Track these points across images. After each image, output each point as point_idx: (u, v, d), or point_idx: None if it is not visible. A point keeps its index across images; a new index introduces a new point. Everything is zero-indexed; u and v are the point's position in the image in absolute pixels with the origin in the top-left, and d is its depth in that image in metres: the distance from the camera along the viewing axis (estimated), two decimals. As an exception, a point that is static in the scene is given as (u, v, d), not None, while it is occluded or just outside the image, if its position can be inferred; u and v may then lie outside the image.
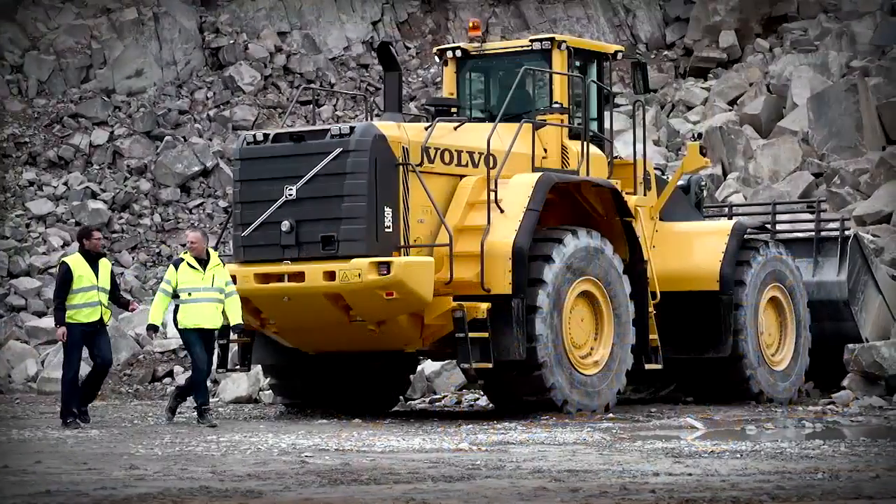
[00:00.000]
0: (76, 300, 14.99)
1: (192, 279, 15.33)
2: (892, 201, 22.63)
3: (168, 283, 15.38)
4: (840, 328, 18.75)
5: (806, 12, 30.18)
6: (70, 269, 15.01)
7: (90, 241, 15.18)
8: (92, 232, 15.31)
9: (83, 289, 14.98)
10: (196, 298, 15.30)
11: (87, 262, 15.07)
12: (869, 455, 12.23)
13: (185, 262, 15.41)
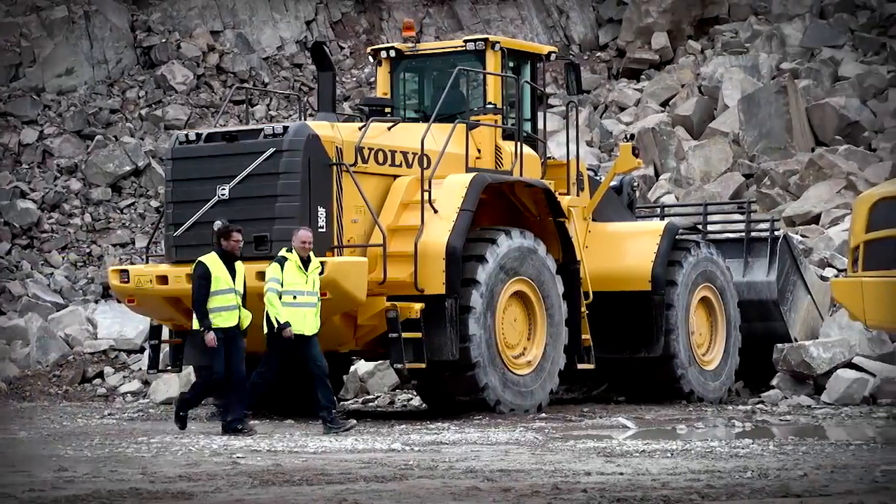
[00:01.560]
0: (213, 304, 14.08)
1: (298, 281, 14.40)
2: (820, 202, 22.86)
3: (277, 281, 14.35)
4: (769, 328, 18.91)
5: (736, 14, 30.41)
6: (208, 270, 14.05)
7: (229, 241, 14.18)
8: (232, 232, 14.22)
9: (220, 291, 14.05)
10: (301, 303, 14.42)
11: (223, 263, 14.14)
12: (797, 454, 12.35)
13: (293, 263, 14.42)
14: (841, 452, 12.49)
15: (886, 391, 17.45)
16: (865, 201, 14.13)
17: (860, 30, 28.32)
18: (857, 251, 13.99)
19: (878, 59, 27.40)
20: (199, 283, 14.06)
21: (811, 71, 26.85)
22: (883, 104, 25.51)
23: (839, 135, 24.89)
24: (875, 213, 13.80)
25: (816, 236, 21.76)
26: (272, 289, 14.38)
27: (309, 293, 14.46)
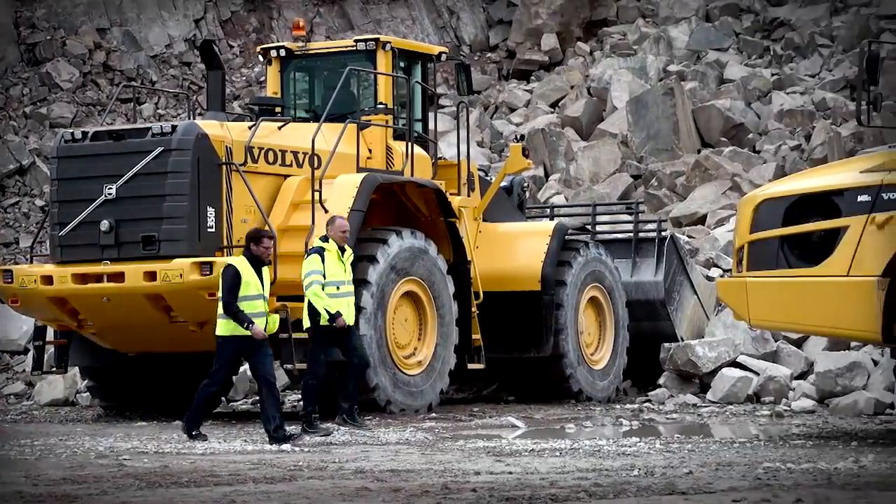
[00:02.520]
0: (244, 309, 13.31)
1: (338, 271, 14.10)
2: (706, 203, 23.14)
3: (320, 273, 14.01)
4: (657, 327, 19.12)
5: (625, 17, 30.70)
6: (238, 274, 13.31)
7: (259, 246, 13.46)
8: (263, 237, 13.54)
9: (249, 297, 13.30)
10: (344, 292, 14.10)
11: (252, 268, 13.44)
12: (683, 452, 12.51)
13: (333, 253, 14.10)
14: (725, 450, 12.67)
15: (769, 389, 17.73)
16: (750, 202, 14.33)
17: (745, 33, 28.73)
18: (741, 251, 14.17)
19: (763, 62, 27.82)
20: (230, 285, 13.31)
21: (697, 73, 27.19)
22: (767, 106, 25.90)
23: (724, 136, 25.23)
24: (759, 214, 13.99)
25: (702, 237, 22.03)
26: (316, 281, 14.04)
27: (348, 282, 14.21)
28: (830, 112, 24.83)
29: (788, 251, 13.82)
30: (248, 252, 13.53)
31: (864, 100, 13.32)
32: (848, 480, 10.30)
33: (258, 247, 13.46)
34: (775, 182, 16.69)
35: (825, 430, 14.71)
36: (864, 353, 17.52)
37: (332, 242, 14.19)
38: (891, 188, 13.24)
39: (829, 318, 13.58)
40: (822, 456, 12.07)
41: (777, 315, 13.90)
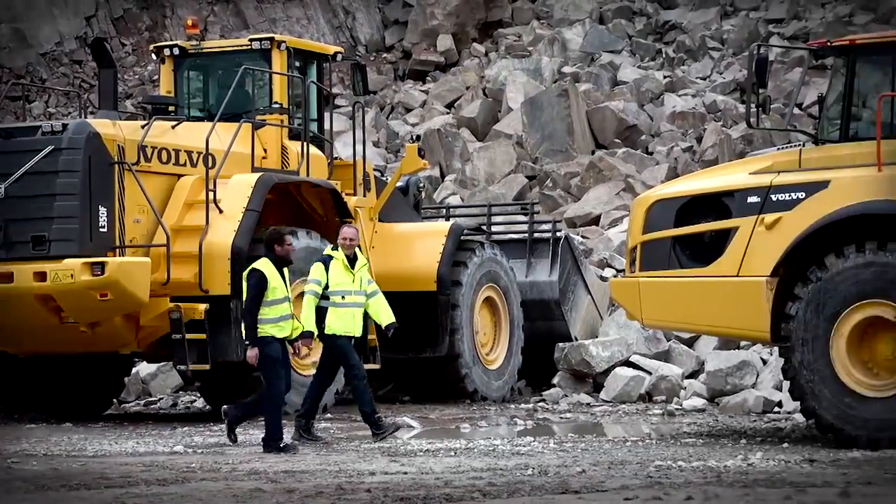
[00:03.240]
0: (271, 314, 12.80)
1: (345, 280, 13.49)
2: (600, 204, 23.31)
3: (318, 283, 13.46)
4: (551, 327, 19.21)
5: (520, 19, 30.83)
6: (265, 279, 12.75)
7: (283, 246, 12.98)
8: (285, 237, 13.06)
9: (277, 301, 12.82)
10: (349, 303, 13.51)
11: (277, 270, 12.93)
12: (576, 451, 12.59)
13: (339, 261, 13.52)
14: (618, 449, 12.78)
15: (661, 388, 17.90)
16: (642, 203, 14.45)
17: (637, 36, 28.99)
18: (634, 252, 14.29)
19: (655, 64, 28.08)
20: (255, 291, 12.75)
21: (591, 75, 27.37)
22: (659, 108, 26.15)
23: (618, 138, 25.43)
24: (651, 215, 14.12)
25: (596, 237, 22.19)
26: (311, 291, 13.54)
27: (357, 293, 13.64)
28: (721, 114, 25.14)
29: (680, 251, 13.96)
30: (272, 254, 12.96)
31: (754, 102, 13.49)
32: (737, 478, 10.43)
33: (282, 247, 12.97)
34: (667, 183, 16.86)
35: (715, 428, 14.88)
36: (754, 352, 17.75)
37: (341, 251, 13.65)
38: (779, 189, 13.43)
39: (720, 317, 13.74)
40: (711, 454, 12.22)
41: (669, 315, 14.03)
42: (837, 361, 12.91)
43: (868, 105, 13.46)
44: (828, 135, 13.64)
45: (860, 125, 13.49)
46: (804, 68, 14.59)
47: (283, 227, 13.79)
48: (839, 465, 11.47)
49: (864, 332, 12.94)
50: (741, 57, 25.88)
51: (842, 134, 13.48)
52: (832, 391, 12.89)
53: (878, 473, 10.83)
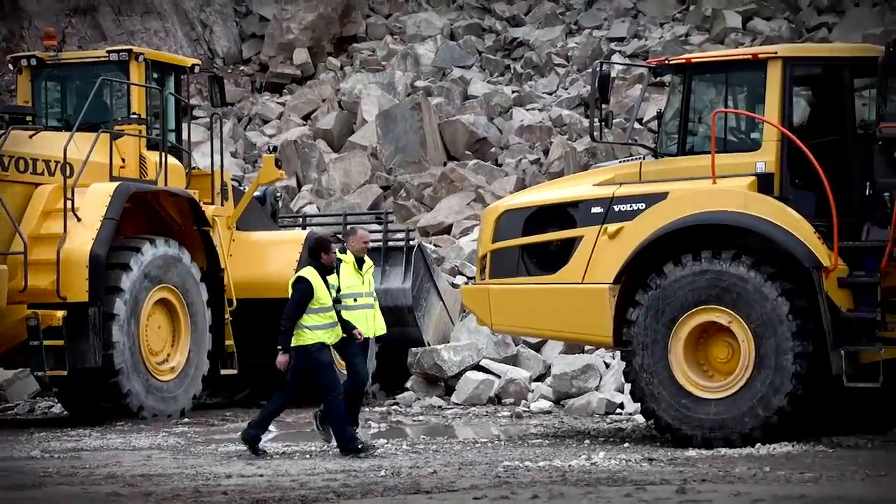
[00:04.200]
0: (321, 320, 12.58)
1: (355, 283, 13.08)
2: (452, 213, 23.42)
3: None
4: (405, 333, 19.21)
5: (374, 34, 30.86)
6: (312, 289, 12.50)
7: (328, 255, 12.73)
8: (331, 245, 12.85)
9: (323, 309, 12.57)
10: (362, 304, 13.12)
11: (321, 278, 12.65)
12: (428, 452, 12.63)
13: (349, 265, 13.09)
14: (468, 450, 12.84)
15: (510, 391, 18.03)
16: (492, 213, 14.57)
17: (487, 52, 29.19)
18: (484, 260, 14.40)
19: (504, 79, 28.30)
20: (301, 298, 12.52)
21: (443, 89, 27.49)
22: (508, 122, 26.36)
23: (469, 150, 25.57)
24: (500, 224, 14.24)
25: (448, 246, 22.28)
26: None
27: (367, 294, 13.26)
28: (566, 128, 25.42)
29: (528, 260, 14.10)
30: (317, 262, 12.75)
31: (597, 117, 13.68)
32: (581, 477, 10.55)
33: (328, 255, 12.74)
34: (516, 194, 17.01)
35: (561, 429, 15.03)
36: (597, 356, 17.96)
37: (350, 254, 13.25)
38: (621, 201, 13.63)
39: (566, 323, 13.90)
40: (557, 454, 12.34)
41: (517, 320, 14.17)
42: (675, 365, 13.14)
43: (703, 121, 13.73)
44: (666, 148, 13.88)
45: (696, 140, 13.74)
46: (644, 85, 14.83)
47: (328, 236, 13.47)
48: (676, 464, 11.66)
49: (700, 336, 13.19)
50: (585, 73, 26.19)
51: (679, 148, 13.72)
52: (670, 393, 13.11)
53: (713, 471, 11.04)
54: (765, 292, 12.79)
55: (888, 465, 11.43)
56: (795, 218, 12.92)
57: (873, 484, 10.29)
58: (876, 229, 12.99)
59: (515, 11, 29.93)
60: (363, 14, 31.01)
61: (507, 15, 29.86)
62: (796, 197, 13.18)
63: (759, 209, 13.00)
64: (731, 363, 13.02)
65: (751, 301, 12.85)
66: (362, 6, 31.03)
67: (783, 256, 12.96)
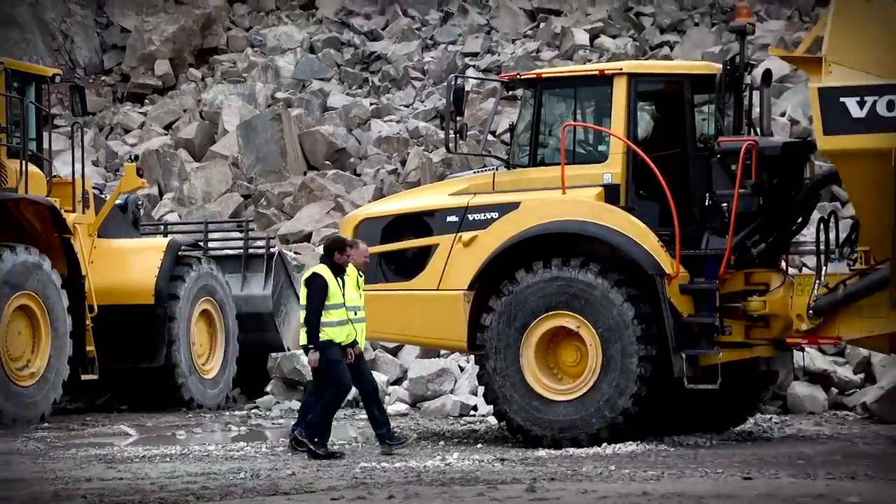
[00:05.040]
0: (330, 318, 12.45)
1: (355, 296, 12.83)
2: (312, 222, 23.35)
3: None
4: (265, 338, 19.14)
5: (234, 46, 30.64)
6: (327, 284, 12.40)
7: (342, 254, 12.63)
8: (346, 245, 12.73)
9: (336, 306, 12.45)
10: (360, 318, 12.88)
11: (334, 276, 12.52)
12: (287, 455, 12.56)
13: (352, 279, 12.83)
14: (326, 452, 12.77)
15: (369, 394, 17.98)
16: (351, 221, 14.57)
17: (346, 65, 29.17)
18: (342, 267, 14.36)
19: (362, 92, 28.30)
20: (319, 294, 12.40)
21: (303, 101, 27.40)
22: (367, 133, 26.37)
23: (328, 160, 25.53)
24: (359, 232, 14.24)
25: (308, 253, 22.20)
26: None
27: (362, 308, 12.98)
28: (423, 139, 25.51)
29: (386, 267, 14.12)
30: (331, 260, 12.63)
31: (452, 129, 13.76)
32: (435, 477, 10.59)
33: (342, 255, 12.65)
34: (374, 203, 17.02)
35: (417, 431, 15.06)
36: (452, 360, 18.03)
37: (352, 267, 12.97)
38: (475, 210, 13.73)
39: (422, 328, 13.96)
40: (413, 455, 12.36)
41: (375, 326, 14.17)
42: (526, 368, 13.26)
43: (553, 133, 13.89)
44: (518, 160, 14.00)
45: (546, 151, 13.89)
46: (497, 99, 14.95)
47: (342, 236, 13.22)
48: (527, 463, 11.77)
49: (550, 340, 13.33)
50: (441, 87, 26.30)
51: (531, 159, 13.86)
52: (521, 395, 13.22)
53: (561, 470, 11.16)
54: (611, 298, 12.96)
55: (726, 463, 11.67)
56: (640, 227, 13.12)
57: (711, 480, 10.49)
58: (715, 238, 13.27)
59: (373, 26, 29.97)
60: (224, 27, 30.78)
61: (365, 29, 29.88)
62: (641, 207, 13.39)
63: (606, 219, 13.18)
64: (580, 366, 13.18)
65: (598, 307, 13.01)
66: (223, 19, 30.80)
67: (629, 264, 13.15)
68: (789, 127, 21.37)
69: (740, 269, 13.34)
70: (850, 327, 13.01)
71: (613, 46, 26.60)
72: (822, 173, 13.76)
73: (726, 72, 13.53)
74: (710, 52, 23.96)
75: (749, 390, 14.12)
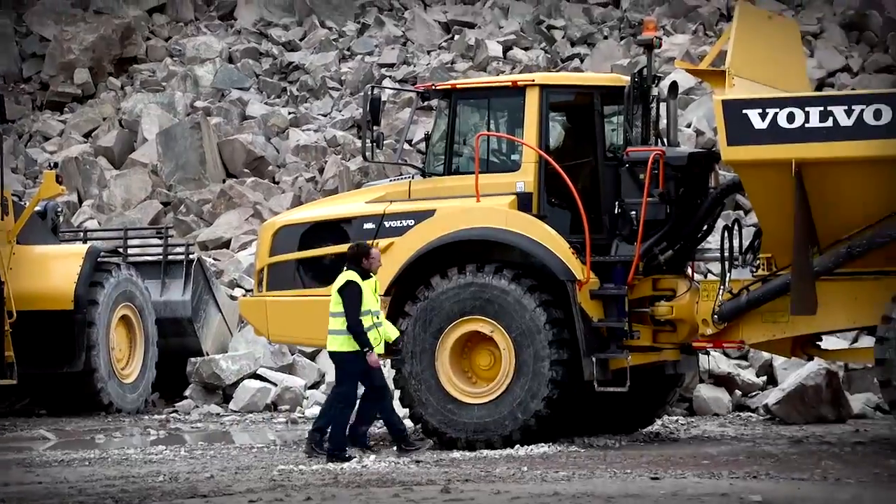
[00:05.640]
0: (364, 322, 12.50)
1: (375, 302, 12.80)
2: (231, 228, 23.22)
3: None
4: (184, 343, 19.01)
5: (154, 56, 30.39)
6: (361, 288, 12.42)
7: (368, 260, 12.64)
8: (371, 250, 12.75)
9: (365, 312, 12.47)
10: (381, 322, 12.83)
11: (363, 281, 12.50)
12: (206, 458, 12.48)
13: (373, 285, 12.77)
14: (245, 455, 12.73)
15: (286, 398, 17.94)
16: (269, 228, 14.51)
17: (264, 75, 29.04)
18: (261, 273, 14.34)
19: (280, 101, 28.18)
20: (356, 300, 12.43)
21: (222, 110, 27.24)
22: (285, 141, 26.27)
23: (247, 168, 25.40)
24: (277, 239, 14.20)
25: (227, 259, 22.08)
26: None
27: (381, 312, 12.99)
28: (340, 148, 25.45)
29: (304, 273, 14.10)
30: (358, 267, 12.63)
31: (369, 138, 13.76)
32: (352, 479, 10.57)
33: (368, 260, 12.67)
34: (292, 210, 16.96)
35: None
36: (369, 363, 17.98)
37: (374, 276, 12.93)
38: (392, 217, 13.74)
39: (339, 333, 13.89)
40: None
41: (293, 331, 14.14)
42: (442, 372, 13.29)
43: (468, 143, 13.93)
44: (433, 169, 14.03)
45: (461, 160, 13.93)
46: (413, 108, 14.99)
47: (365, 243, 13.05)
48: (442, 465, 11.78)
49: (465, 345, 13.37)
50: (357, 97, 26.25)
51: (446, 168, 13.89)
52: (437, 399, 13.24)
53: (475, 471, 11.19)
54: (524, 304, 13.02)
55: (634, 463, 11.77)
56: (552, 234, 13.20)
57: (620, 481, 10.57)
58: (624, 245, 13.38)
59: (291, 37, 29.86)
60: (143, 36, 30.51)
61: (283, 40, 29.77)
62: (552, 215, 13.47)
63: (519, 226, 13.24)
64: (493, 370, 13.22)
65: (511, 312, 13.07)
66: (142, 29, 30.54)
67: (541, 270, 13.22)
68: (695, 138, 21.60)
69: (648, 275, 13.45)
70: (753, 331, 13.17)
71: (526, 58, 26.72)
72: (726, 183, 13.93)
73: (634, 84, 13.65)
74: (619, 65, 24.16)
75: (656, 393, 14.25)
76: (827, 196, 12.40)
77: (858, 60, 24.32)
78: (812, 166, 12.36)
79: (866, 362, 13.95)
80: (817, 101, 12.64)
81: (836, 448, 12.89)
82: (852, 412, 15.63)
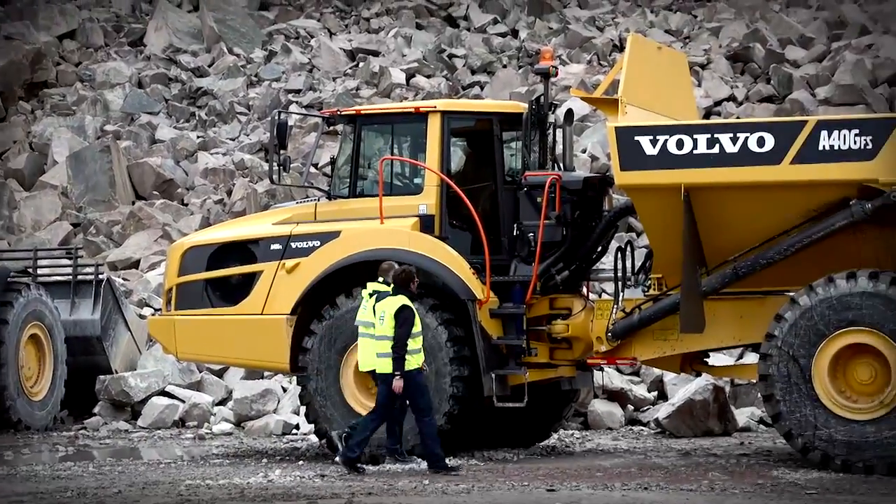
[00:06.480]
0: (415, 345, 12.30)
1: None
2: (140, 249, 23.01)
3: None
4: (93, 361, 18.77)
5: (64, 80, 30.04)
6: (415, 313, 12.27)
7: (414, 283, 12.46)
8: (414, 275, 12.52)
9: (416, 334, 12.32)
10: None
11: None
12: (114, 473, 12.31)
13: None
14: (152, 471, 12.58)
15: (194, 415, 17.77)
16: (178, 249, 14.40)
17: (173, 100, 28.83)
18: (170, 293, 14.22)
19: (189, 125, 27.99)
20: (409, 326, 12.27)
21: (132, 133, 27.00)
22: (193, 164, 26.09)
23: (156, 190, 25.19)
24: (186, 259, 14.09)
25: (136, 279, 21.87)
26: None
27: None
28: (248, 171, 25.33)
29: (212, 292, 13.99)
30: (407, 290, 12.45)
31: (276, 161, 13.71)
32: (258, 493, 10.49)
33: (413, 284, 12.52)
34: (201, 231, 16.84)
35: (241, 449, 14.90)
36: (276, 381, 17.90)
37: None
38: (298, 238, 13.69)
39: (247, 351, 13.85)
40: (237, 472, 12.23)
41: (202, 349, 14.03)
42: (346, 388, 13.26)
43: (372, 166, 13.93)
44: (339, 191, 14.01)
45: (366, 184, 13.93)
46: (319, 133, 14.98)
47: (409, 267, 12.74)
48: (346, 479, 11.74)
49: (369, 362, 13.30)
50: (265, 121, 26.15)
51: (351, 191, 13.88)
52: (342, 414, 13.20)
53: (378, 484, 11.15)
54: (426, 322, 13.03)
55: (531, 476, 11.82)
56: (453, 255, 13.24)
57: (518, 493, 10.61)
58: (522, 265, 13.46)
59: (200, 63, 29.68)
60: (54, 61, 30.14)
61: (192, 66, 29.58)
62: (454, 236, 13.52)
63: (421, 247, 13.26)
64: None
65: (413, 330, 13.05)
66: (53, 54, 30.16)
67: (442, 290, 13.25)
68: (590, 163, 21.82)
69: (545, 294, 13.54)
70: (645, 348, 13.31)
71: (428, 86, 26.82)
72: (620, 206, 14.07)
73: (532, 111, 13.76)
74: (517, 93, 24.33)
75: (553, 408, 14.34)
76: (714, 219, 12.58)
77: (743, 90, 24.75)
78: (700, 191, 12.54)
79: (751, 378, 14.16)
80: (705, 128, 12.84)
81: (722, 460, 13.05)
82: (738, 425, 15.86)
